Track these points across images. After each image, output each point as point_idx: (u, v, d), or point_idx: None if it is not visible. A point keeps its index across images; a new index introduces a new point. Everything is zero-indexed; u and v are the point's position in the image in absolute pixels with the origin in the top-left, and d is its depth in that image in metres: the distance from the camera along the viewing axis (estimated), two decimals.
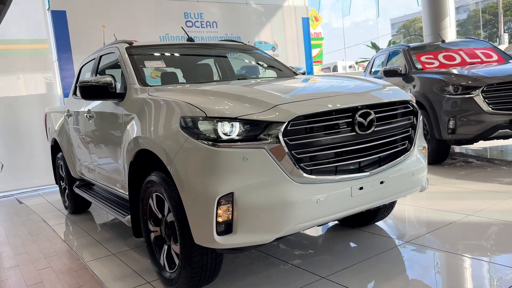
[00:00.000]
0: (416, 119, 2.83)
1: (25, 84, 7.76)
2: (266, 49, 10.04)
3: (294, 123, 2.28)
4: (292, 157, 2.26)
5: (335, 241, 3.38)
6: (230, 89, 2.68)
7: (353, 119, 2.43)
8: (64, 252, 3.88)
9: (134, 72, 3.31)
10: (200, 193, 2.25)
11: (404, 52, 6.94)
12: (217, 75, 4.04)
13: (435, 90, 5.67)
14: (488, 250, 2.98)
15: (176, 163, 2.38)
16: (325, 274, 2.76)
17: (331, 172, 2.39)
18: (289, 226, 2.26)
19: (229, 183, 2.20)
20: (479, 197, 4.17)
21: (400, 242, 3.20)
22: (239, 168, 2.21)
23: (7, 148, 7.27)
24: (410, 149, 2.75)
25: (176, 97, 2.61)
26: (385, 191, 2.58)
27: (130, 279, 3.05)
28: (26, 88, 7.70)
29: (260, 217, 2.22)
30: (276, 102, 2.33)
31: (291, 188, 2.26)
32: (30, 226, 5.00)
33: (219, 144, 2.22)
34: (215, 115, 2.28)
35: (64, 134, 4.94)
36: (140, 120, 2.85)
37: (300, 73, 4.25)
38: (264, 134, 2.24)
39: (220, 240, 2.22)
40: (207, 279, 2.60)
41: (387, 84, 2.95)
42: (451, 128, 5.40)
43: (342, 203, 2.40)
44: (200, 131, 2.29)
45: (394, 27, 56.01)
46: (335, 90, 2.69)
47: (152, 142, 2.61)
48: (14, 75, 7.66)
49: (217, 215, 2.21)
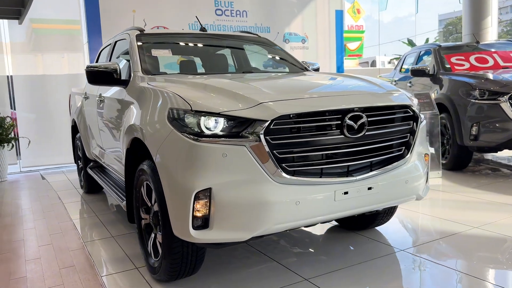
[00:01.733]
0: (416, 124, 2.71)
1: (56, 64, 8.01)
2: (295, 41, 9.92)
3: (278, 122, 2.23)
4: (274, 156, 2.22)
5: (330, 243, 3.32)
6: (223, 83, 2.65)
7: (342, 122, 2.36)
8: (68, 230, 4.00)
9: (139, 60, 3.34)
10: (179, 186, 2.25)
11: (434, 51, 6.67)
12: (226, 67, 4.01)
13: (460, 93, 5.44)
14: (483, 267, 2.84)
15: (160, 154, 2.39)
16: (309, 276, 2.72)
17: (315, 175, 2.34)
18: (266, 226, 2.23)
19: (208, 178, 2.19)
20: (492, 209, 3.98)
21: (395, 250, 3.10)
22: (218, 164, 2.19)
23: (35, 125, 7.55)
24: (406, 156, 2.64)
25: (170, 88, 2.61)
26: (373, 197, 2.49)
27: (120, 263, 3.11)
28: (56, 68, 7.95)
29: (237, 215, 2.20)
30: (261, 100, 2.28)
31: (270, 188, 2.22)
32: (45, 202, 5.19)
33: (200, 139, 2.21)
34: (199, 109, 2.27)
35: (81, 115, 5.07)
36: (136, 108, 2.88)
37: (314, 68, 4.16)
38: (246, 132, 2.21)
39: (195, 234, 2.22)
40: (187, 271, 2.62)
41: (390, 87, 2.83)
42: (473, 135, 5.17)
43: (323, 207, 2.34)
44: (184, 124, 2.29)
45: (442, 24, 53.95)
46: (330, 90, 2.62)
47: (142, 131, 2.63)
48: (46, 54, 7.92)
49: (194, 210, 2.20)
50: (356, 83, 2.87)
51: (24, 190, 6.09)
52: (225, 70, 3.93)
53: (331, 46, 10.51)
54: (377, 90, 2.71)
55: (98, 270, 3.00)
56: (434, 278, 2.70)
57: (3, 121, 6.75)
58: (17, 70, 7.50)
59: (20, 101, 7.51)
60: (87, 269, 3.07)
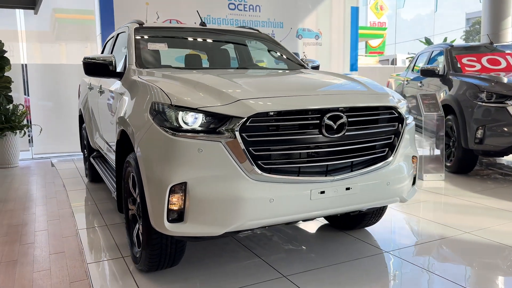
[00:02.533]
0: (401, 126, 2.69)
1: (69, 53, 8.17)
2: (309, 37, 9.87)
3: (255, 120, 2.24)
4: (249, 153, 2.24)
5: (318, 241, 3.33)
6: (207, 79, 2.68)
7: (320, 121, 2.35)
8: (66, 217, 4.10)
9: (134, 53, 3.39)
10: (156, 179, 2.29)
11: (446, 51, 6.55)
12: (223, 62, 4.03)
13: (467, 95, 5.33)
14: (464, 273, 2.81)
15: (140, 147, 2.43)
16: (288, 273, 2.73)
17: (293, 173, 2.34)
18: (239, 222, 2.25)
19: (183, 172, 2.22)
20: (488, 215, 3.91)
21: (380, 251, 3.09)
22: (194, 159, 2.22)
23: (47, 113, 7.73)
24: (389, 157, 2.62)
25: (156, 83, 2.65)
26: (351, 198, 2.49)
27: (108, 251, 3.18)
28: (69, 57, 8.11)
29: (210, 210, 2.23)
30: (240, 97, 2.30)
31: (245, 184, 2.24)
32: (49, 189, 5.33)
33: (177, 133, 2.24)
34: (179, 103, 2.30)
35: (86, 106, 5.18)
36: (126, 101, 2.93)
37: (313, 66, 4.14)
38: (223, 128, 2.23)
39: (169, 227, 2.27)
40: (167, 263, 2.66)
41: (377, 88, 2.80)
42: (478, 138, 5.07)
43: (299, 206, 2.35)
44: (164, 118, 2.32)
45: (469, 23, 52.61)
46: (312, 89, 2.61)
47: (126, 124, 2.68)
48: (60, 44, 8.08)
49: (169, 203, 2.24)
50: (344, 83, 2.85)
51: (32, 176, 6.26)
52: (222, 65, 3.95)
53: (345, 43, 10.42)
54: (362, 91, 2.69)
55: (86, 257, 3.08)
56: (413, 281, 2.68)
57: (16, 108, 6.93)
58: (31, 59, 7.68)
59: (34, 89, 7.69)
60: (76, 255, 3.15)
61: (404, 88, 8.00)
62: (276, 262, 2.91)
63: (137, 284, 2.63)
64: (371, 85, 2.83)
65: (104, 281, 2.73)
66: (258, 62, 4.81)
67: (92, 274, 2.81)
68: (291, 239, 3.39)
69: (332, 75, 3.18)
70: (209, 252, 3.10)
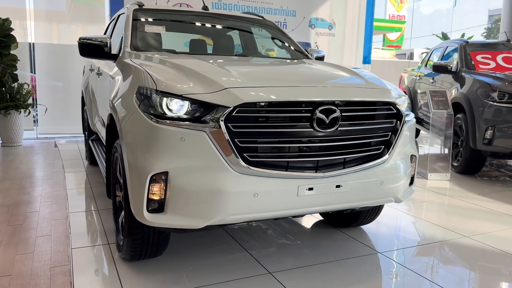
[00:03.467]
0: (400, 123, 2.55)
1: (78, 34, 8.10)
2: (322, 27, 9.67)
3: (242, 110, 2.13)
4: (234, 145, 2.13)
5: (309, 237, 3.23)
6: (198, 65, 2.57)
7: (312, 115, 2.23)
8: (59, 199, 4.06)
9: (130, 35, 3.30)
10: (137, 168, 2.21)
11: (460, 48, 6.34)
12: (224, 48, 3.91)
13: (479, 94, 5.14)
14: (457, 279, 2.69)
15: (124, 132, 2.35)
16: (274, 269, 2.64)
17: (280, 167, 2.24)
18: (220, 216, 2.16)
19: (165, 162, 2.13)
20: (491, 219, 3.77)
21: (372, 252, 2.97)
22: (176, 148, 2.13)
23: (53, 94, 7.71)
24: (384, 155, 2.50)
25: (146, 67, 2.55)
26: (341, 196, 2.37)
27: (96, 237, 3.13)
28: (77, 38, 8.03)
29: (192, 201, 2.14)
30: (227, 85, 2.19)
31: (228, 177, 2.14)
32: (48, 170, 5.30)
33: (160, 121, 2.15)
34: (164, 89, 2.20)
35: (87, 87, 5.11)
36: (116, 84, 2.84)
37: (318, 57, 4.00)
38: (208, 117, 2.13)
39: (149, 217, 2.18)
40: (150, 253, 2.59)
41: (376, 82, 2.67)
42: (487, 138, 4.90)
43: (284, 202, 2.25)
44: (148, 104, 2.23)
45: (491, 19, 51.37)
46: (307, 80, 2.49)
47: (113, 108, 2.60)
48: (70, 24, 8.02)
49: (150, 192, 2.16)
50: (342, 76, 2.72)
51: (34, 156, 6.25)
52: (224, 52, 3.83)
53: (359, 35, 10.19)
54: (360, 84, 2.56)
55: (71, 242, 3.02)
56: (401, 285, 2.57)
57: (21, 87, 6.90)
58: (39, 38, 7.63)
59: (41, 68, 7.65)
60: (62, 239, 3.10)
61: (416, 84, 7.79)
62: (265, 257, 2.82)
63: (118, 274, 2.56)
64: (371, 79, 2.69)
65: (85, 268, 2.67)
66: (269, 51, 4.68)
67: (75, 259, 2.75)
68: (286, 233, 3.29)
69: (332, 67, 3.04)
70: (200, 241, 3.01)
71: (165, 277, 2.54)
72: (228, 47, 4.01)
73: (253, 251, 2.91)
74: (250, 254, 2.87)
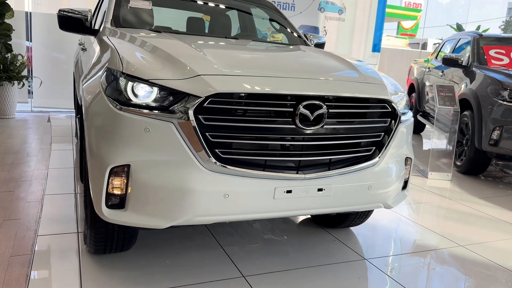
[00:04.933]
0: (395, 122, 2.31)
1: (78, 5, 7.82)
2: (332, 11, 9.33)
3: (215, 101, 1.91)
4: (205, 139, 1.92)
5: (294, 237, 3.02)
6: (173, 46, 2.34)
7: (295, 110, 2.00)
8: (38, 179, 3.89)
9: (112, 10, 3.07)
10: (97, 158, 2.00)
11: (473, 40, 6.01)
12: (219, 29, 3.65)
13: (488, 91, 4.86)
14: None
15: (87, 117, 2.14)
16: (249, 273, 2.45)
17: (256, 166, 2.02)
18: (186, 217, 1.96)
19: (127, 154, 1.92)
20: (490, 227, 3.54)
21: (358, 258, 2.77)
22: (140, 140, 1.92)
23: (49, 66, 7.47)
24: (375, 158, 2.27)
25: (119, 45, 2.33)
26: (323, 200, 2.16)
27: (66, 223, 2.95)
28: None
29: (155, 199, 1.94)
30: (201, 71, 1.96)
31: (197, 175, 1.93)
32: (34, 146, 5.13)
33: (123, 107, 1.93)
34: (130, 72, 1.98)
35: (76, 63, 4.89)
36: (89, 63, 2.63)
37: (318, 43, 3.74)
38: (177, 107, 1.91)
39: (107, 214, 1.99)
40: (115, 248, 2.41)
41: (372, 75, 2.42)
42: (494, 139, 4.63)
43: (258, 204, 2.04)
44: (113, 87, 2.01)
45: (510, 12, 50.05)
46: (293, 70, 2.25)
47: (81, 89, 2.38)
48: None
49: (109, 186, 1.96)
50: (334, 67, 2.47)
51: (23, 130, 6.07)
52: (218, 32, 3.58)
53: (370, 21, 9.83)
54: (352, 78, 2.32)
55: (39, 228, 2.85)
56: None
57: (14, 58, 6.69)
58: (37, 7, 7.37)
59: (37, 39, 7.41)
60: (30, 225, 2.93)
61: (424, 76, 7.48)
62: (242, 257, 2.63)
63: (80, 268, 2.39)
64: (367, 72, 2.44)
65: (46, 258, 2.49)
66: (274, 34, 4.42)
67: (38, 248, 2.58)
68: (272, 228, 3.09)
69: (327, 56, 2.79)
70: (176, 234, 2.81)
71: (130, 275, 2.36)
72: (225, 28, 3.75)
73: (231, 248, 2.72)
74: (226, 253, 2.67)
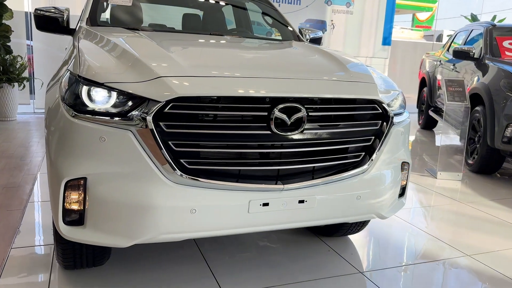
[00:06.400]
0: (387, 125, 2.08)
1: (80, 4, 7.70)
2: (339, 4, 9.04)
3: (178, 105, 1.71)
4: (168, 148, 1.73)
5: (284, 245, 2.82)
6: (141, 46, 2.15)
7: (269, 114, 1.79)
8: (26, 185, 3.76)
9: (90, 8, 2.89)
10: (53, 170, 1.83)
11: (486, 31, 5.69)
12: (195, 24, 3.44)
13: (501, 85, 4.56)
14: None
15: (46, 125, 1.97)
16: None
17: (228, 177, 1.82)
18: (149, 235, 1.77)
19: (82, 166, 1.74)
20: (501, 233, 3.28)
21: (353, 271, 2.55)
22: (96, 150, 1.73)
23: (51, 67, 7.37)
24: (364, 164, 2.05)
25: (84, 45, 2.15)
26: (304, 213, 1.95)
27: (45, 235, 2.82)
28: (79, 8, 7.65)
29: (115, 215, 1.76)
30: (162, 73, 1.77)
31: (160, 188, 1.74)
32: (29, 150, 5.02)
33: (78, 115, 1.75)
34: (85, 75, 1.80)
35: None
36: (58, 66, 2.45)
37: (314, 38, 3.51)
38: (136, 113, 1.72)
39: (65, 231, 1.81)
40: (86, 263, 2.24)
41: (361, 70, 2.19)
42: (507, 137, 4.34)
43: (230, 220, 1.84)
44: (71, 93, 1.83)
45: None
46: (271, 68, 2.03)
47: (47, 92, 2.22)
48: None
49: (66, 201, 1.78)
50: (318, 64, 2.25)
51: (22, 133, 5.98)
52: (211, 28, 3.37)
53: (379, 14, 9.51)
54: (338, 76, 2.09)
55: (16, 239, 2.71)
56: None
57: (14, 59, 6.61)
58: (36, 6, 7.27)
59: (39, 39, 7.32)
60: (7, 235, 2.78)
61: (436, 69, 7.16)
62: (226, 272, 2.44)
63: (49, 284, 2.23)
64: (355, 69, 2.21)
65: (16, 273, 2.34)
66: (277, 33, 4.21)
67: (9, 262, 2.43)
68: (262, 238, 2.89)
69: (315, 53, 2.56)
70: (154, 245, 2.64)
71: None
72: (217, 24, 3.55)
73: (214, 261, 2.53)
74: (209, 266, 2.48)
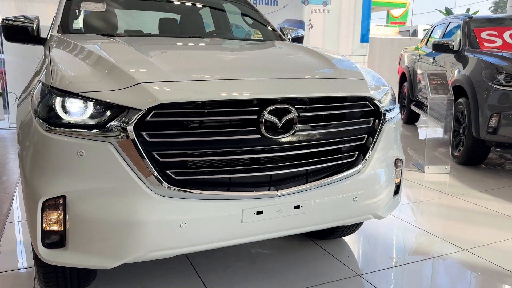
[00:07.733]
0: (379, 122, 2.01)
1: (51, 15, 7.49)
2: (316, 3, 9.02)
3: (161, 113, 1.60)
4: (152, 159, 1.61)
5: (277, 250, 2.72)
6: (117, 52, 2.03)
7: (258, 117, 1.70)
8: (2, 204, 3.57)
9: (61, 15, 2.75)
10: (29, 190, 1.69)
11: (463, 23, 5.71)
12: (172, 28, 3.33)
13: (483, 76, 4.56)
14: None
15: (18, 142, 1.83)
16: None
17: (219, 186, 1.72)
18: (138, 253, 1.65)
19: (60, 183, 1.61)
20: (496, 225, 3.24)
21: (350, 274, 2.47)
22: (74, 166, 1.61)
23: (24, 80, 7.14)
24: (359, 164, 1.97)
25: (56, 55, 2.02)
26: (301, 219, 1.85)
27: (25, 258, 2.65)
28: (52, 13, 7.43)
29: (99, 235, 1.63)
30: (142, 79, 1.65)
31: (146, 202, 1.63)
32: (8, 166, 4.81)
33: (52, 128, 1.62)
34: (58, 86, 1.67)
35: None
36: (32, 76, 2.31)
37: (296, 37, 3.43)
38: (116, 123, 1.60)
39: (45, 254, 1.68)
40: (71, 285, 2.08)
41: (349, 68, 2.12)
42: (492, 127, 4.33)
43: (223, 231, 1.73)
44: (43, 105, 1.70)
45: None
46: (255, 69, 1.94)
47: (18, 106, 2.07)
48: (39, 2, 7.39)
49: (44, 222, 1.65)
50: (305, 63, 2.17)
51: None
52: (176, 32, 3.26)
53: (356, 11, 9.53)
54: (326, 74, 2.01)
55: None
56: None
57: None
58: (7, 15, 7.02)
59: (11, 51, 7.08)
60: None
61: (415, 64, 7.18)
62: (212, 278, 2.33)
63: None
64: (343, 65, 2.14)
65: None
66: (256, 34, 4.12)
67: None
68: (254, 245, 2.79)
69: (300, 51, 2.48)
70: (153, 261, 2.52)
71: None
72: (195, 27, 3.44)
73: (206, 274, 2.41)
74: (203, 281, 2.36)
